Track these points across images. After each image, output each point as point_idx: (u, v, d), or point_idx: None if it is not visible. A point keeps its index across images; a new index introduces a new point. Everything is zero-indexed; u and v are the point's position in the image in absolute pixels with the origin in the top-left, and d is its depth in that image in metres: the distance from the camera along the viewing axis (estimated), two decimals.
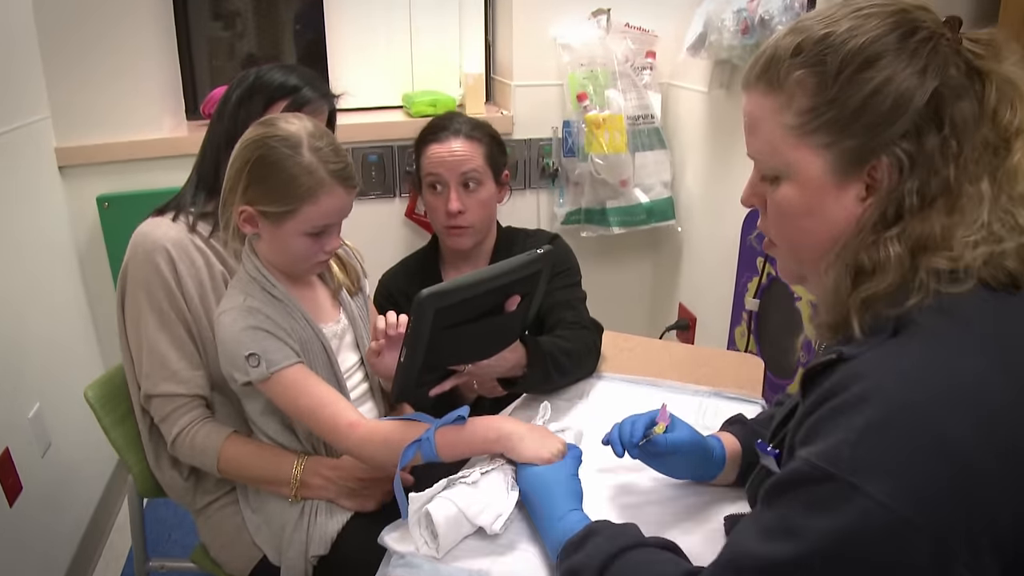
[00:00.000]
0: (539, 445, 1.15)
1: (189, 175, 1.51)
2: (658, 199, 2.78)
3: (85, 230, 2.48)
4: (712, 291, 2.66)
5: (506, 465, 1.17)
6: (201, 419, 1.41)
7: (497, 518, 1.09)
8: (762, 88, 0.87)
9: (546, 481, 1.11)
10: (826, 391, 0.78)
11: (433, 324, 1.16)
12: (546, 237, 1.87)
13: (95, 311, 2.54)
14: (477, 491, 1.10)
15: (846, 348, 0.80)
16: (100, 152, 2.41)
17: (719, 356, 1.76)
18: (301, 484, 1.36)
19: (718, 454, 1.19)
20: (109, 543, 2.42)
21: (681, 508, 1.18)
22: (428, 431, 1.17)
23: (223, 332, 1.28)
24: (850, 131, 0.82)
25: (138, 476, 1.55)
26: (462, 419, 1.17)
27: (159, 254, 1.38)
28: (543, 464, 1.13)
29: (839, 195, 0.84)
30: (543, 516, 1.08)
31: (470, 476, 1.12)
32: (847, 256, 0.84)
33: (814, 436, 0.76)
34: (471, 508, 1.08)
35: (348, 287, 1.47)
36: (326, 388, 1.27)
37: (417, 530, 1.07)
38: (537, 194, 2.88)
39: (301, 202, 1.22)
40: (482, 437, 1.17)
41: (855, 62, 0.81)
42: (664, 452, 1.15)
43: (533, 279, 1.32)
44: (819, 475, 0.73)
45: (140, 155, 2.44)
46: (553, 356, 1.48)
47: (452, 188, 1.75)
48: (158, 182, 2.42)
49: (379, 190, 2.75)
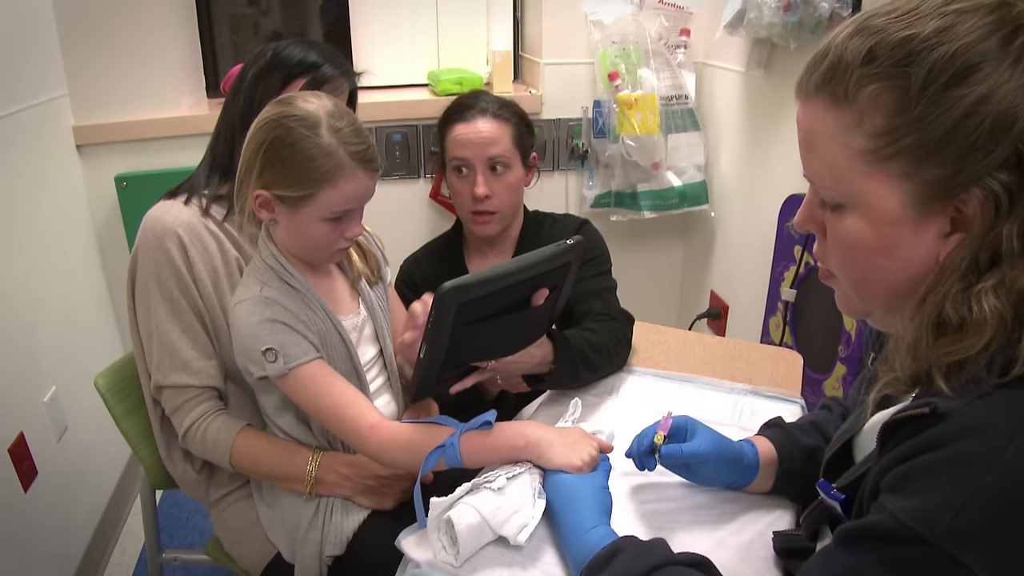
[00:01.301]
0: (570, 451, 1.10)
1: (203, 156, 1.46)
2: (691, 183, 2.72)
3: (103, 210, 2.46)
4: (746, 279, 2.60)
5: (534, 468, 1.11)
6: (213, 412, 1.37)
7: (522, 529, 1.04)
8: (824, 100, 0.74)
9: (574, 492, 1.05)
10: (924, 442, 0.69)
11: (455, 319, 1.10)
12: (575, 223, 1.82)
13: (113, 292, 2.52)
14: (503, 498, 1.04)
15: (940, 401, 0.69)
16: (118, 131, 2.37)
17: (755, 350, 1.68)
18: (316, 481, 1.32)
19: (749, 460, 1.12)
20: (127, 528, 2.41)
21: (715, 517, 1.12)
22: (452, 436, 1.12)
23: (238, 324, 1.23)
24: (936, 159, 0.69)
25: (150, 468, 1.51)
26: (488, 424, 1.12)
27: (170, 239, 1.34)
28: (574, 472, 1.08)
29: (917, 231, 0.73)
30: (568, 529, 1.02)
31: (495, 481, 1.06)
32: (930, 308, 0.72)
33: (906, 487, 0.68)
34: (496, 517, 1.02)
35: (368, 277, 1.41)
36: (346, 386, 1.22)
37: (436, 535, 1.02)
38: (566, 176, 2.83)
39: (319, 186, 1.16)
40: (509, 443, 1.12)
41: (945, 74, 0.67)
42: (684, 462, 1.10)
43: (562, 271, 1.26)
44: (908, 536, 0.66)
45: (159, 134, 2.41)
46: (581, 352, 1.42)
47: (479, 172, 1.69)
48: (177, 161, 2.39)
49: (403, 171, 2.70)
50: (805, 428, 1.16)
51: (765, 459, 1.12)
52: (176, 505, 2.44)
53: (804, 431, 1.15)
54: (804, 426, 1.17)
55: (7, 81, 1.96)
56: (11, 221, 1.94)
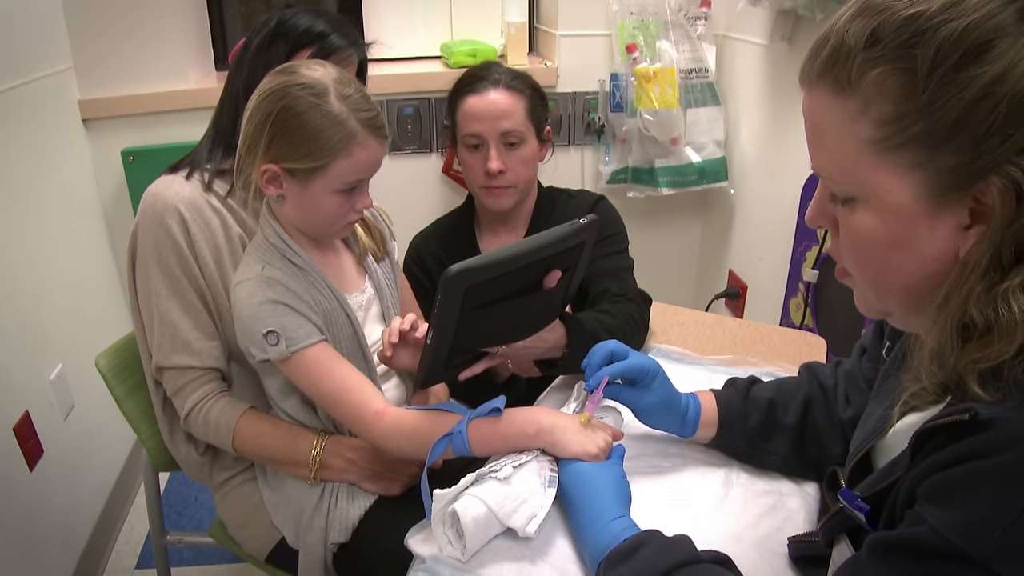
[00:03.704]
0: (585, 438, 1.06)
1: (206, 129, 1.42)
2: (710, 159, 2.67)
3: (110, 185, 2.42)
4: (766, 259, 2.55)
5: (541, 456, 1.07)
6: (216, 393, 1.34)
7: (531, 519, 1.00)
8: (827, 88, 0.70)
9: (592, 481, 1.01)
10: (968, 449, 0.64)
11: (463, 303, 1.06)
12: (590, 199, 1.77)
13: (120, 269, 2.49)
14: (510, 488, 1.01)
15: (980, 407, 0.64)
16: (125, 104, 2.33)
17: (777, 333, 1.64)
18: (321, 465, 1.29)
19: (691, 416, 1.16)
20: (135, 507, 2.40)
21: (729, 509, 1.09)
22: (460, 424, 1.08)
23: (240, 305, 1.19)
24: (949, 147, 0.64)
25: (152, 450, 1.49)
26: (497, 411, 1.08)
27: (171, 215, 1.30)
28: (590, 460, 1.04)
29: (933, 225, 0.68)
30: (586, 520, 0.98)
31: (501, 470, 1.02)
32: (953, 311, 0.67)
33: (947, 497, 0.64)
34: (503, 508, 0.99)
35: (374, 252, 1.38)
36: (350, 370, 1.19)
37: (441, 528, 0.99)
38: (581, 151, 2.79)
39: (333, 156, 1.13)
40: (519, 431, 1.08)
41: (956, 53, 0.62)
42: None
43: (575, 252, 1.21)
44: (950, 551, 0.62)
45: (166, 107, 2.37)
46: (596, 335, 1.37)
47: (491, 146, 1.64)
48: (185, 135, 2.35)
49: (415, 144, 2.66)
50: (789, 393, 1.16)
51: (706, 415, 1.17)
52: (186, 484, 2.43)
53: (777, 392, 1.16)
54: (766, 386, 1.18)
55: (11, 54, 1.92)
56: (16, 197, 1.91)
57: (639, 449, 1.20)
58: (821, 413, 1.13)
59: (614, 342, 1.16)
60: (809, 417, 1.13)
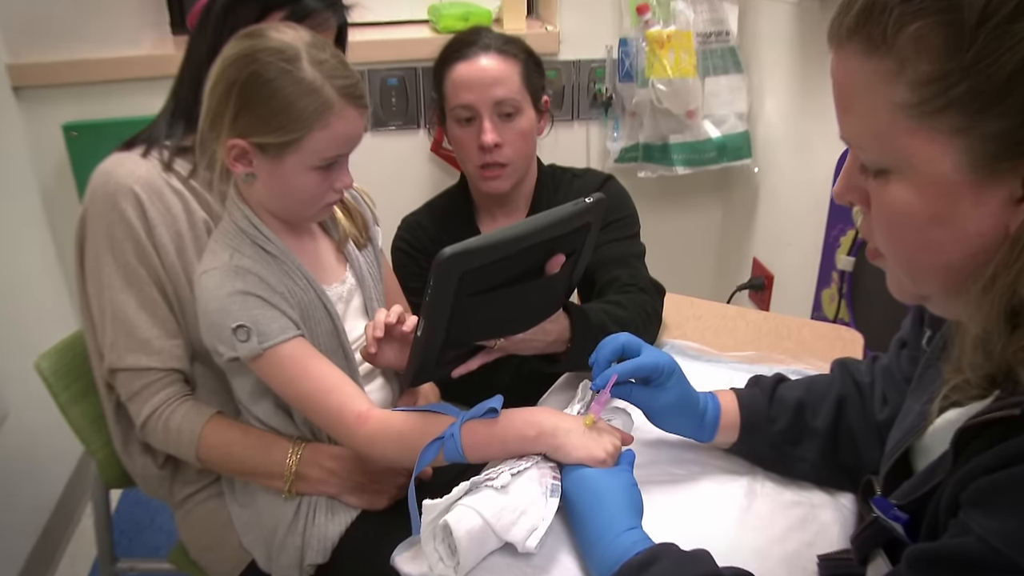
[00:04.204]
0: (591, 442, 1.08)
1: (165, 101, 1.44)
2: (732, 133, 2.69)
3: (50, 164, 2.43)
4: (795, 245, 2.58)
5: (542, 463, 1.10)
6: (177, 398, 1.36)
7: (532, 533, 1.02)
8: (859, 46, 0.70)
9: (599, 489, 1.03)
10: (1016, 450, 0.66)
11: (457, 291, 1.08)
12: (597, 179, 1.80)
13: (64, 258, 2.50)
14: (508, 498, 1.03)
15: None
16: (65, 71, 2.34)
17: (807, 327, 1.67)
18: (297, 477, 1.31)
19: (710, 419, 1.18)
20: (80, 530, 2.41)
21: (755, 522, 1.11)
22: (453, 426, 1.10)
23: (206, 297, 1.21)
24: (998, 109, 0.64)
25: (103, 463, 1.50)
26: (494, 412, 1.10)
27: (125, 198, 1.32)
28: (596, 466, 1.06)
29: (979, 197, 0.68)
30: (594, 532, 1.00)
31: (498, 478, 1.04)
32: (1000, 294, 0.68)
33: (994, 503, 0.66)
34: (500, 520, 1.01)
35: (355, 238, 1.40)
36: (329, 368, 1.21)
37: (431, 544, 1.00)
38: (587, 126, 2.81)
39: (308, 128, 1.15)
40: (518, 434, 1.10)
41: (1008, 3, 0.62)
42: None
43: (580, 234, 1.24)
44: (998, 563, 0.64)
45: (115, 76, 2.38)
46: (603, 327, 1.39)
47: (485, 118, 1.67)
48: (137, 108, 2.36)
49: (400, 120, 2.68)
50: (818, 396, 1.17)
51: (727, 418, 1.18)
52: (140, 503, 2.45)
53: (809, 392, 1.18)
54: (816, 391, 1.19)
55: None
56: None
57: (651, 455, 1.22)
58: (856, 414, 1.15)
59: (625, 335, 1.18)
60: (842, 419, 1.15)
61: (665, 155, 2.71)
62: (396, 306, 1.30)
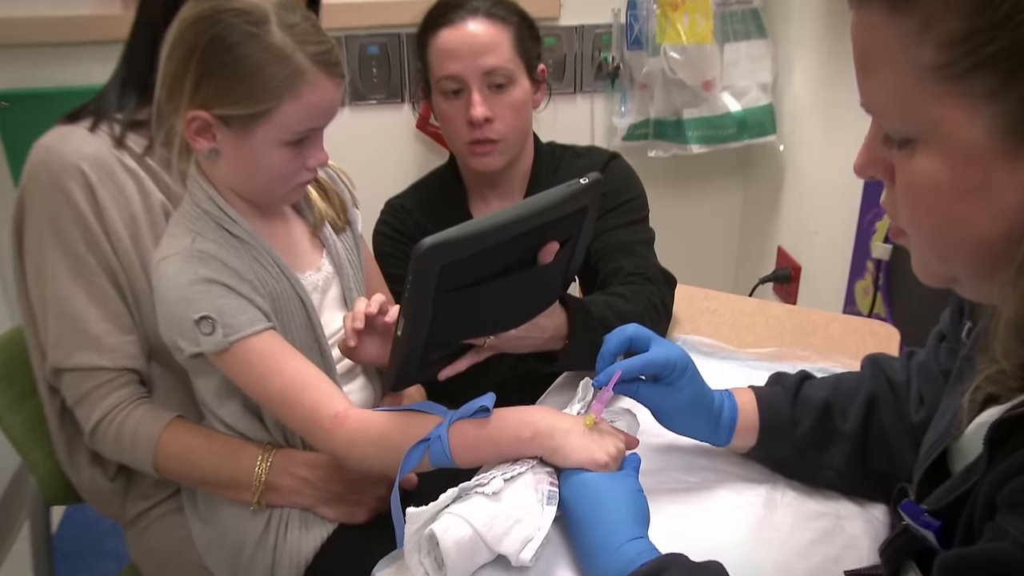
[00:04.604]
0: (592, 444, 1.09)
1: (115, 68, 1.44)
2: (754, 107, 2.70)
3: None
4: (824, 232, 2.58)
5: (538, 467, 1.11)
6: (132, 400, 1.36)
7: (526, 544, 1.03)
8: (881, 3, 0.70)
9: (601, 495, 1.04)
10: None
11: (439, 286, 1.09)
12: (601, 158, 1.80)
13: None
14: (500, 505, 1.04)
15: None
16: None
17: (836, 321, 1.68)
18: (267, 487, 1.32)
19: (725, 421, 1.19)
20: (12, 556, 2.38)
21: (777, 534, 1.12)
22: (440, 427, 1.11)
23: (165, 286, 1.22)
24: None
25: (44, 477, 1.49)
26: (485, 411, 1.11)
27: (71, 177, 1.32)
28: (598, 470, 1.07)
29: (1013, 167, 0.68)
30: (593, 544, 1.01)
31: (489, 484, 1.05)
32: None
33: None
34: (492, 530, 1.02)
35: (332, 221, 1.41)
36: (303, 364, 1.22)
37: (416, 556, 1.02)
38: (591, 100, 2.82)
39: (278, 99, 1.16)
40: (512, 435, 1.11)
41: None
42: None
43: (576, 219, 1.25)
44: None
45: (52, 39, 2.36)
46: (605, 322, 1.40)
47: (474, 89, 1.67)
48: (79, 77, 2.35)
49: (382, 93, 2.69)
50: (846, 394, 1.18)
51: (744, 422, 1.19)
52: (85, 524, 2.44)
53: (838, 392, 1.18)
54: (844, 390, 1.19)
55: None
56: None
57: (660, 461, 1.23)
58: (889, 416, 1.15)
59: (634, 326, 1.18)
60: (874, 421, 1.15)
61: (679, 132, 2.71)
62: (378, 295, 1.32)
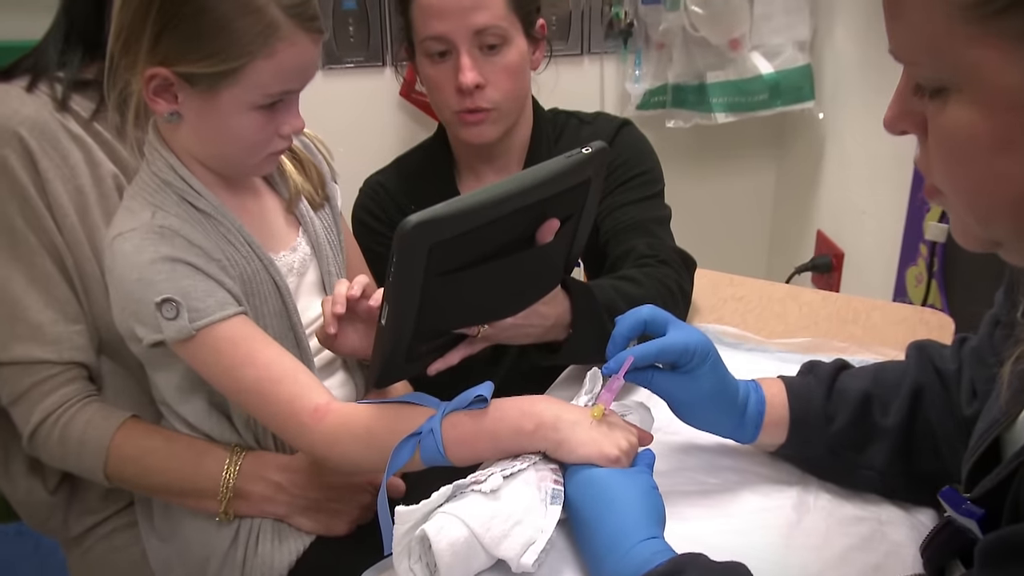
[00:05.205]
0: (601, 437, 1.12)
1: (55, 18, 1.44)
2: (788, 69, 2.71)
3: None
4: (871, 213, 2.59)
5: (540, 463, 1.13)
6: (79, 398, 1.38)
7: (528, 548, 1.05)
8: None
9: (611, 493, 1.06)
10: None
11: (427, 268, 1.10)
12: (610, 126, 1.83)
13: None
14: (499, 504, 1.06)
15: None
16: None
17: (879, 309, 1.69)
18: (236, 494, 1.34)
19: (752, 412, 1.21)
20: None
21: (809, 540, 1.15)
22: (432, 419, 1.13)
23: (121, 266, 1.23)
24: None
25: None
26: (483, 401, 1.14)
27: (7, 144, 1.33)
28: (608, 465, 1.10)
29: None
30: (603, 545, 1.03)
31: (487, 481, 1.07)
32: None
33: None
34: (490, 531, 1.03)
35: (309, 196, 1.43)
36: (279, 353, 1.24)
37: (405, 561, 1.03)
38: (600, 63, 2.83)
39: (249, 56, 1.18)
40: (512, 427, 1.13)
41: None
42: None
43: (579, 193, 1.27)
44: None
45: None
46: (613, 308, 1.39)
47: (462, 52, 1.68)
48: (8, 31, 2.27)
49: (360, 55, 2.70)
50: (889, 385, 1.20)
51: (773, 416, 1.21)
52: (17, 545, 2.43)
53: (875, 382, 1.20)
54: (884, 380, 1.21)
55: None
56: None
57: (677, 461, 1.25)
58: (937, 409, 1.17)
59: (649, 307, 1.20)
60: (919, 415, 1.17)
61: (702, 98, 2.72)
62: (361, 276, 1.32)
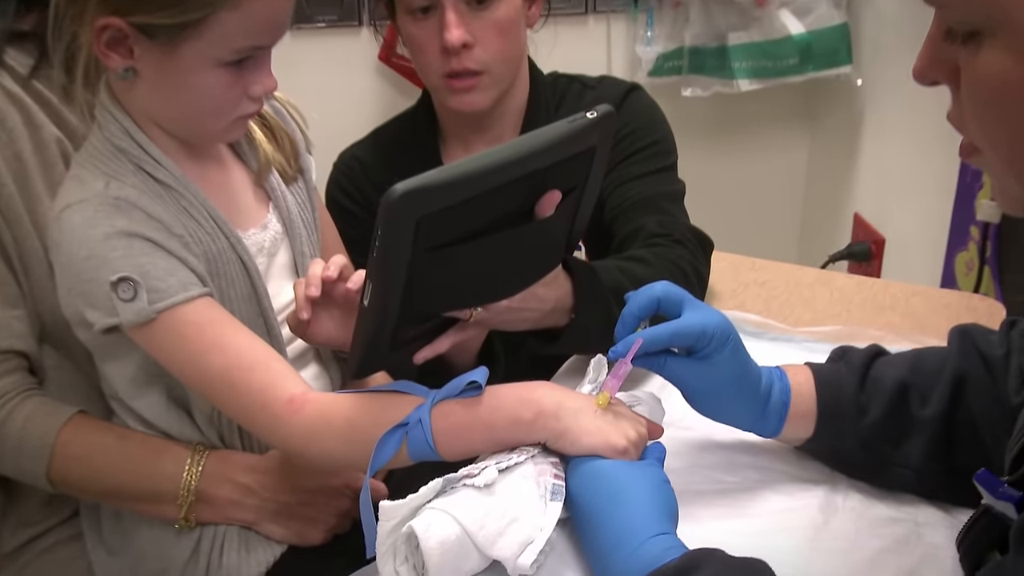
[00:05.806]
0: (607, 426, 1.14)
1: None
2: (821, 29, 2.75)
3: None
4: (915, 193, 2.62)
5: (540, 456, 1.16)
6: (19, 391, 1.42)
7: (525, 548, 1.08)
8: None
9: (618, 486, 1.09)
10: None
11: (415, 243, 1.11)
12: (617, 91, 1.88)
13: None
14: (493, 500, 1.09)
15: None
16: None
17: (919, 295, 1.73)
18: (198, 498, 1.37)
19: (776, 402, 1.24)
20: None
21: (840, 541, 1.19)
22: (420, 408, 1.15)
23: (69, 241, 1.25)
24: None
25: None
26: (477, 387, 1.16)
27: None
28: (615, 457, 1.13)
29: None
30: (608, 542, 1.06)
31: (481, 474, 1.09)
32: None
33: None
34: (484, 529, 1.06)
35: (281, 167, 1.47)
36: (250, 339, 1.27)
37: (391, 562, 1.06)
38: (607, 23, 2.88)
39: (212, 6, 1.19)
40: (510, 416, 1.16)
41: None
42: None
43: (581, 163, 1.28)
44: None
45: None
46: (620, 291, 1.38)
47: (448, 6, 1.71)
48: None
49: (333, 14, 2.76)
50: (928, 374, 1.23)
51: (799, 407, 1.25)
52: None
53: (913, 370, 1.24)
54: (923, 367, 1.25)
55: None
56: None
57: (692, 457, 1.30)
58: (981, 400, 1.20)
59: (663, 284, 1.23)
60: (962, 406, 1.21)
61: (723, 63, 2.77)
62: (338, 256, 1.35)
